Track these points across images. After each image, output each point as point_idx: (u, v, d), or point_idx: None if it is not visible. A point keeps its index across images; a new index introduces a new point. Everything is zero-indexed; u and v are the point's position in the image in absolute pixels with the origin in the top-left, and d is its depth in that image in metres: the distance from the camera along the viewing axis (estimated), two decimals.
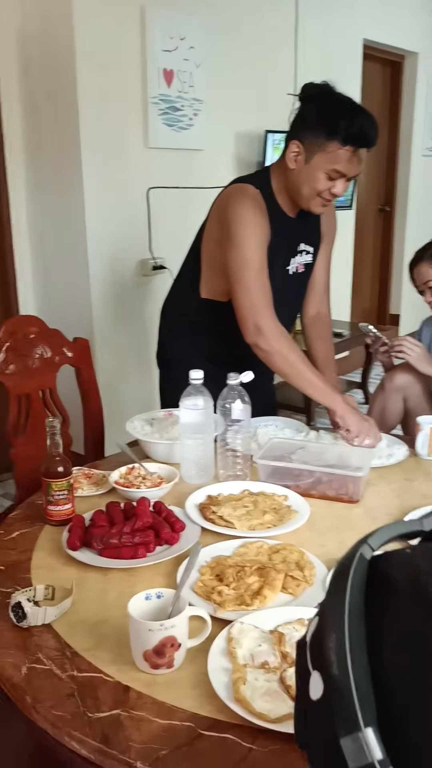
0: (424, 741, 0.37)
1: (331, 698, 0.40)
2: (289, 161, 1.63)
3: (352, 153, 1.56)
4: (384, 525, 0.48)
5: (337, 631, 0.40)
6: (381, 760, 0.37)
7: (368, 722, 0.37)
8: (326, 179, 1.60)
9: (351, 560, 0.43)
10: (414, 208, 5.60)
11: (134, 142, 3.12)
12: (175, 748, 0.82)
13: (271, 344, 1.64)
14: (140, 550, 1.21)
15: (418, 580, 0.41)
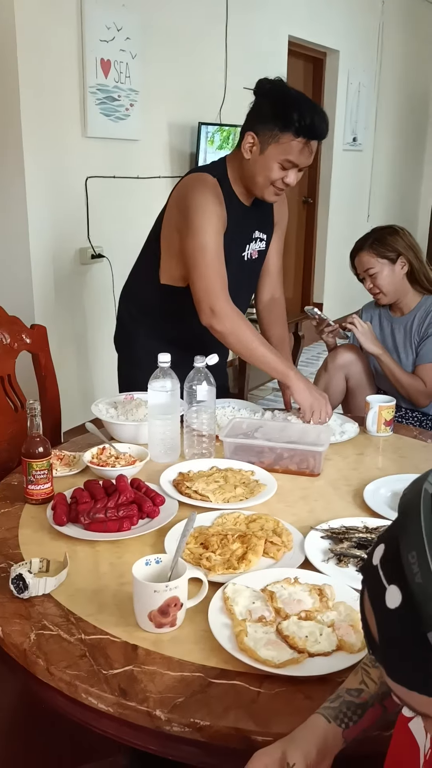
0: None
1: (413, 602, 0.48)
2: (244, 152, 1.71)
3: (303, 144, 1.65)
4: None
5: (418, 548, 0.49)
6: None
7: None
8: (279, 169, 1.69)
9: (419, 495, 0.52)
10: (336, 200, 5.81)
11: (73, 132, 3.11)
12: (190, 696, 0.90)
13: (226, 325, 1.71)
14: (125, 524, 1.27)
15: None
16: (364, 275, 2.21)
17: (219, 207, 1.72)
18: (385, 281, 2.16)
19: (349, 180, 5.99)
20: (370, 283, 2.19)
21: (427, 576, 0.47)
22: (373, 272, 2.16)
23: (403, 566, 0.49)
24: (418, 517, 0.50)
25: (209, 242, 1.69)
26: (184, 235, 1.72)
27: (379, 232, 2.21)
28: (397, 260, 2.16)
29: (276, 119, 1.64)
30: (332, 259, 5.94)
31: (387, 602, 0.51)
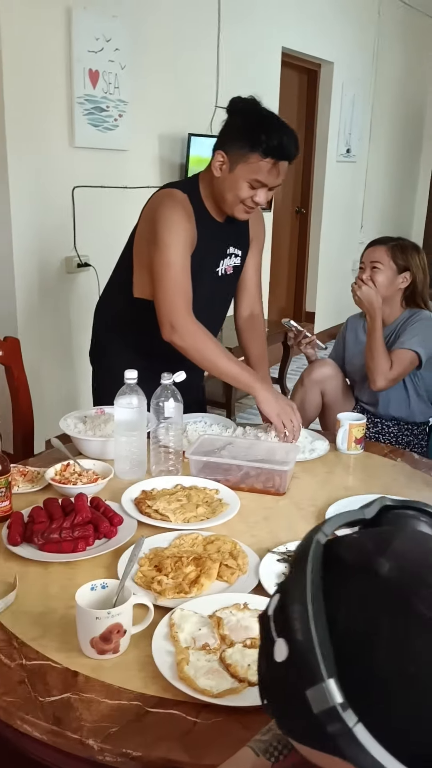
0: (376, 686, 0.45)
1: (295, 658, 0.47)
2: (214, 169, 1.71)
3: (272, 165, 1.65)
4: (334, 515, 0.56)
5: (301, 602, 0.48)
6: (341, 703, 0.44)
7: (330, 675, 0.45)
8: (248, 188, 1.68)
9: (309, 544, 0.51)
10: (329, 211, 5.82)
11: (60, 141, 3.12)
12: (125, 725, 0.88)
13: (186, 340, 1.71)
14: (80, 544, 1.26)
15: (367, 558, 0.49)
16: (367, 265, 2.21)
17: (188, 223, 1.71)
18: (381, 282, 2.17)
19: (343, 191, 6.00)
20: (368, 274, 2.18)
21: (306, 633, 0.46)
22: (377, 267, 2.17)
23: (289, 620, 0.48)
24: (305, 569, 0.49)
25: (175, 258, 1.69)
26: (151, 249, 1.71)
27: (405, 241, 2.25)
28: (402, 273, 2.18)
29: (245, 139, 1.64)
30: (325, 269, 5.95)
31: (275, 655, 0.50)
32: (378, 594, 0.47)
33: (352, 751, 0.44)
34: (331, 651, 0.46)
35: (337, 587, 0.49)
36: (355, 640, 0.46)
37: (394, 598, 0.47)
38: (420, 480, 1.64)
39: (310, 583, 0.48)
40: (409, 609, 0.46)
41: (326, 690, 0.44)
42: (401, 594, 0.47)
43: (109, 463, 1.59)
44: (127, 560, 1.21)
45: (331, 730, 0.44)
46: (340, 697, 0.44)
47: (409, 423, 2.29)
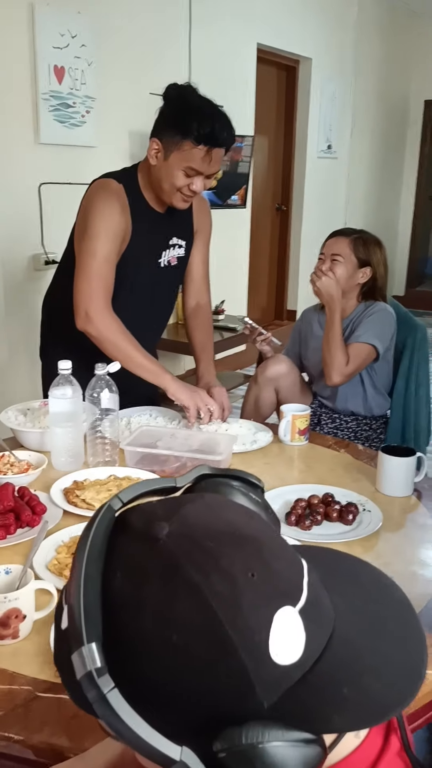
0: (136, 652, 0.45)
1: (69, 624, 0.47)
2: (150, 158, 1.71)
3: (205, 152, 1.64)
4: (140, 482, 0.56)
5: (77, 568, 0.48)
6: (98, 668, 0.44)
7: (91, 639, 0.45)
8: (184, 176, 1.68)
9: (99, 510, 0.51)
10: (309, 208, 5.82)
11: (25, 138, 3.11)
12: (11, 710, 0.88)
13: (100, 331, 1.70)
14: (0, 532, 1.26)
15: (149, 523, 0.49)
16: (327, 256, 2.17)
17: (119, 213, 1.71)
18: (341, 274, 2.14)
19: (324, 187, 6.00)
20: (328, 265, 2.15)
21: (76, 598, 0.46)
22: (337, 259, 2.14)
23: (69, 585, 0.48)
24: (87, 536, 0.49)
25: (101, 247, 1.68)
26: (79, 238, 1.71)
27: (367, 235, 2.21)
28: (362, 267, 2.16)
29: (177, 126, 1.63)
30: (306, 266, 5.93)
31: (61, 623, 0.50)
32: (151, 558, 0.47)
33: (106, 716, 0.44)
34: (100, 616, 0.46)
35: (117, 552, 0.49)
36: (123, 605, 0.46)
37: (165, 562, 0.46)
38: (357, 470, 1.64)
39: (88, 547, 0.48)
40: (178, 573, 0.46)
41: (85, 655, 0.44)
42: (173, 558, 0.46)
43: (47, 455, 1.59)
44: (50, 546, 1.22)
45: (89, 695, 0.44)
46: (98, 662, 0.44)
47: (367, 417, 2.28)
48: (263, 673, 0.45)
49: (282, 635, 0.45)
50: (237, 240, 4.93)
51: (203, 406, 1.73)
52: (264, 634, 0.45)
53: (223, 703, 0.45)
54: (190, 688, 0.44)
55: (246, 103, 4.70)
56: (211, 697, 0.45)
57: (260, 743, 0.44)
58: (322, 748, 0.46)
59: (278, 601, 0.46)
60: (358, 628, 0.50)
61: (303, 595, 0.48)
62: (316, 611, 0.48)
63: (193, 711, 0.45)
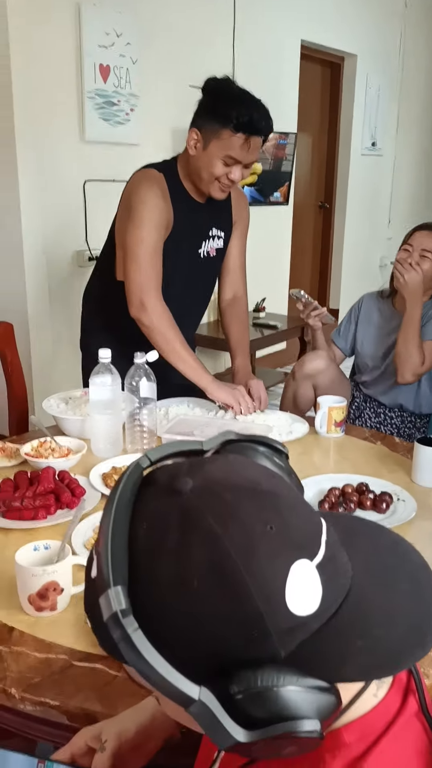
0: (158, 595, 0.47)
1: (97, 570, 0.50)
2: (189, 148, 1.74)
3: (244, 140, 1.67)
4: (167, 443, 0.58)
5: (106, 519, 0.50)
6: (123, 609, 0.46)
7: (117, 583, 0.47)
8: (222, 165, 1.71)
9: (128, 468, 0.54)
10: (353, 205, 5.78)
11: (71, 136, 3.18)
12: (48, 677, 0.92)
13: (153, 320, 1.74)
14: (41, 513, 1.30)
15: (174, 478, 0.51)
16: (416, 249, 2.10)
17: (162, 201, 1.74)
18: (427, 271, 2.08)
19: (368, 185, 5.95)
20: (415, 260, 2.08)
21: (105, 545, 0.49)
22: (427, 255, 2.08)
23: (99, 536, 0.51)
24: (117, 488, 0.52)
25: (146, 236, 1.72)
26: (125, 228, 1.75)
27: None
28: None
29: (216, 115, 1.66)
30: (349, 265, 5.91)
31: (91, 572, 0.53)
32: (174, 510, 0.49)
33: (130, 656, 0.46)
34: (126, 563, 0.48)
35: (143, 504, 0.51)
36: (147, 552, 0.48)
37: (187, 514, 0.49)
38: (393, 461, 1.64)
39: (117, 499, 0.51)
40: (199, 524, 0.48)
41: (111, 597, 0.47)
42: (195, 510, 0.49)
43: (87, 442, 1.63)
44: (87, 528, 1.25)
45: (114, 636, 0.46)
46: (122, 603, 0.46)
47: (414, 414, 2.25)
48: (279, 621, 0.46)
49: (298, 587, 0.47)
50: (279, 238, 4.93)
51: (242, 401, 1.77)
52: (280, 584, 0.47)
53: (240, 648, 0.46)
54: (208, 631, 0.46)
55: (289, 99, 4.69)
56: (228, 641, 0.47)
57: (275, 686, 0.46)
58: (336, 697, 0.48)
59: (295, 554, 0.48)
60: (374, 585, 0.52)
61: (321, 551, 0.49)
62: (333, 567, 0.50)
63: (211, 654, 0.47)
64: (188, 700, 0.45)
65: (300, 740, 0.46)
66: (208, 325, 4.17)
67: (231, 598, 0.46)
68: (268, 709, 0.45)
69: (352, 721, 0.53)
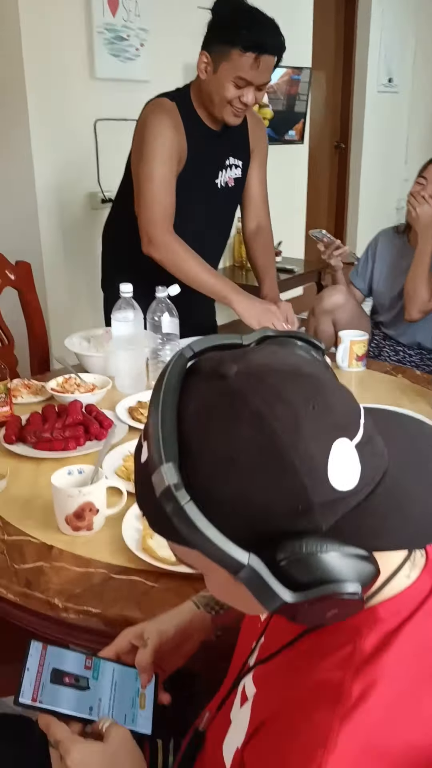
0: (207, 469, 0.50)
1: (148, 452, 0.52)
2: (199, 72, 1.70)
3: (253, 60, 1.62)
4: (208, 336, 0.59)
5: (155, 403, 0.52)
6: (175, 484, 0.49)
7: (168, 459, 0.50)
8: (234, 87, 1.67)
9: (173, 358, 0.55)
10: (369, 146, 5.65)
11: (80, 73, 3.11)
12: (89, 588, 0.96)
13: (162, 254, 1.73)
14: (70, 443, 1.33)
15: (219, 364, 0.53)
16: (428, 182, 2.06)
17: (174, 132, 1.71)
18: None
19: (384, 124, 5.80)
20: (429, 193, 2.04)
21: (155, 426, 0.51)
22: None
23: (147, 423, 0.53)
24: (163, 376, 0.54)
25: (157, 170, 1.70)
26: (136, 161, 1.73)
27: None
28: None
29: (225, 35, 1.62)
30: (366, 206, 5.81)
31: (141, 457, 0.55)
32: (220, 392, 0.51)
33: (183, 528, 0.49)
34: (175, 442, 0.50)
35: (189, 390, 0.53)
36: (195, 431, 0.51)
37: (233, 395, 0.50)
38: (414, 392, 1.65)
39: (164, 385, 0.53)
40: (245, 404, 0.50)
41: (164, 472, 0.49)
42: (240, 391, 0.51)
43: (112, 380, 1.65)
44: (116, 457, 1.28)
45: (167, 510, 0.49)
46: (174, 478, 0.49)
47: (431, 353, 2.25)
48: (321, 495, 0.49)
49: (339, 463, 0.49)
50: (294, 179, 4.84)
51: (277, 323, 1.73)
52: (322, 459, 0.49)
53: (285, 520, 0.49)
54: (256, 504, 0.49)
55: (303, 33, 4.54)
56: (274, 513, 0.49)
57: (318, 552, 0.48)
58: (374, 566, 0.51)
59: (336, 433, 0.50)
60: (409, 467, 0.54)
61: (359, 432, 0.51)
62: (371, 449, 0.52)
63: (258, 526, 0.49)
64: (239, 565, 0.48)
65: (342, 602, 0.50)
66: (223, 271, 4.15)
67: (277, 473, 0.48)
68: (312, 573, 0.48)
69: (387, 599, 0.56)
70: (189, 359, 0.56)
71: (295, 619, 0.51)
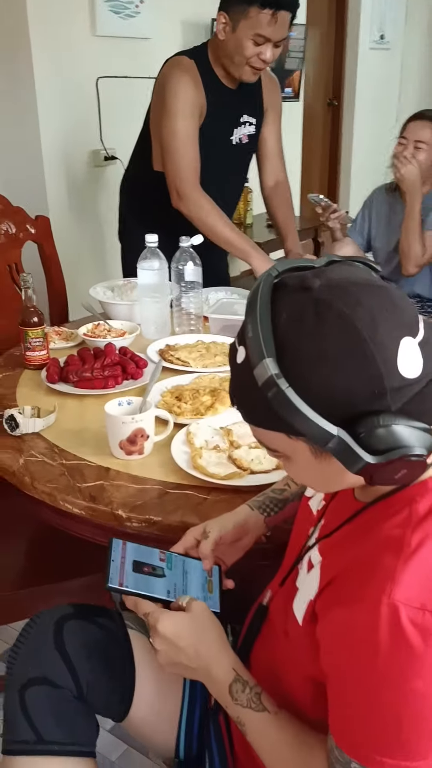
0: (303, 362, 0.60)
1: (248, 352, 0.62)
2: (218, 32, 1.76)
3: (271, 16, 1.68)
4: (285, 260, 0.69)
5: (251, 314, 0.62)
6: (276, 374, 0.59)
7: (270, 355, 0.60)
8: (253, 45, 1.73)
9: (262, 277, 0.65)
10: (362, 102, 5.66)
11: (82, 31, 3.12)
12: (148, 500, 1.07)
13: (190, 208, 1.82)
14: (110, 382, 1.43)
15: (304, 279, 0.63)
16: (410, 141, 2.16)
17: (193, 88, 1.78)
18: (422, 161, 2.14)
19: (377, 81, 5.80)
20: (410, 152, 2.14)
21: (255, 331, 0.61)
22: (421, 146, 2.13)
23: (244, 328, 0.63)
24: (257, 291, 0.63)
25: (180, 126, 1.77)
26: (159, 118, 1.79)
27: None
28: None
29: None
30: (359, 164, 5.84)
31: (237, 359, 0.65)
32: (308, 300, 0.61)
33: (285, 410, 0.59)
34: (273, 342, 0.60)
35: (280, 301, 0.63)
36: (289, 332, 0.61)
37: (319, 302, 0.60)
38: None
39: (259, 299, 0.62)
40: (331, 308, 0.60)
41: (266, 365, 0.59)
42: (326, 299, 0.61)
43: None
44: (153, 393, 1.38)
45: (269, 395, 0.59)
46: (276, 369, 0.59)
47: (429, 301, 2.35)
48: (393, 381, 0.59)
49: (406, 355, 0.60)
50: (289, 136, 4.83)
51: None
52: (394, 351, 0.59)
53: (365, 401, 0.59)
54: (341, 389, 0.59)
55: None
56: (356, 396, 0.59)
57: (391, 425, 0.59)
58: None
59: (404, 331, 0.61)
60: None
61: (420, 333, 0.62)
62: (429, 347, 0.62)
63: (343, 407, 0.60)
64: (329, 436, 0.59)
65: (410, 463, 0.60)
66: None
67: (359, 362, 0.59)
68: (386, 441, 0.59)
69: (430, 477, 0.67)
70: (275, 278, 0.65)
71: (372, 479, 0.62)
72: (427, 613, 0.59)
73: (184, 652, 0.78)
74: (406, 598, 0.60)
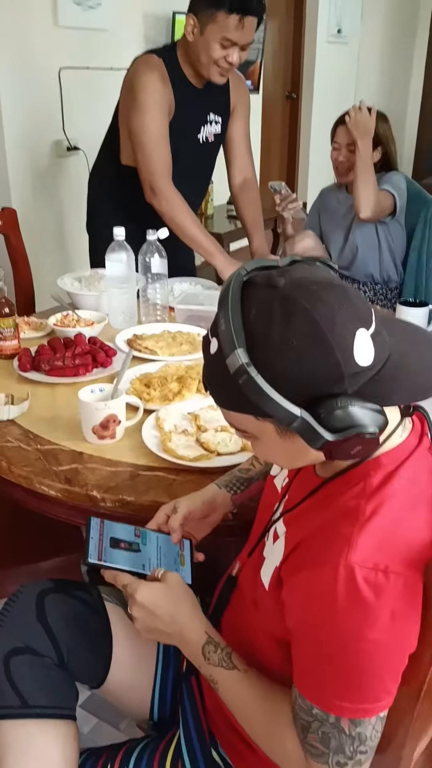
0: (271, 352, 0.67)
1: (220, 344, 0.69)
2: (187, 34, 1.82)
3: (238, 21, 1.75)
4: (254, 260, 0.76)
5: (223, 308, 0.69)
6: (247, 362, 0.66)
7: (240, 345, 0.67)
8: (220, 48, 1.79)
9: (233, 276, 0.72)
10: (320, 95, 5.75)
11: (44, 21, 3.12)
12: (121, 482, 1.13)
13: (162, 204, 1.88)
14: (80, 370, 1.48)
15: (270, 277, 0.70)
16: (342, 146, 2.24)
17: (162, 85, 1.83)
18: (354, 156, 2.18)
19: (334, 74, 5.90)
20: (345, 157, 2.23)
21: (226, 324, 0.68)
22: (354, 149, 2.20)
23: (217, 321, 0.70)
24: (228, 289, 0.70)
25: (152, 122, 1.82)
26: (130, 115, 1.84)
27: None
28: (376, 148, 2.23)
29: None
30: (317, 157, 5.94)
31: (210, 350, 0.72)
32: (274, 297, 0.68)
33: (254, 395, 0.66)
34: (243, 334, 0.67)
35: (249, 298, 0.70)
36: (258, 325, 0.68)
37: (285, 298, 0.68)
38: None
39: (230, 295, 0.69)
40: (294, 303, 0.67)
41: (237, 355, 0.66)
42: (291, 294, 0.68)
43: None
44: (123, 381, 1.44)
45: (240, 382, 0.66)
46: (246, 358, 0.66)
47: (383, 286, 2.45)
48: (349, 367, 0.67)
49: (361, 345, 0.67)
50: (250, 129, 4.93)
51: None
52: (350, 342, 0.67)
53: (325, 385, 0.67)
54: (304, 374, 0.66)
55: None
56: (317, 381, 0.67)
57: (348, 406, 0.67)
58: (385, 417, 0.69)
59: (359, 324, 0.68)
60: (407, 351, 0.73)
61: (373, 325, 0.70)
62: (381, 338, 0.70)
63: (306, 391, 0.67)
64: (293, 416, 0.66)
65: (365, 441, 0.68)
66: None
67: (320, 351, 0.66)
68: (343, 421, 0.67)
69: (386, 451, 0.75)
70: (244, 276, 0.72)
71: (331, 455, 0.69)
72: (379, 573, 0.68)
73: (161, 619, 0.85)
74: (361, 560, 0.68)
